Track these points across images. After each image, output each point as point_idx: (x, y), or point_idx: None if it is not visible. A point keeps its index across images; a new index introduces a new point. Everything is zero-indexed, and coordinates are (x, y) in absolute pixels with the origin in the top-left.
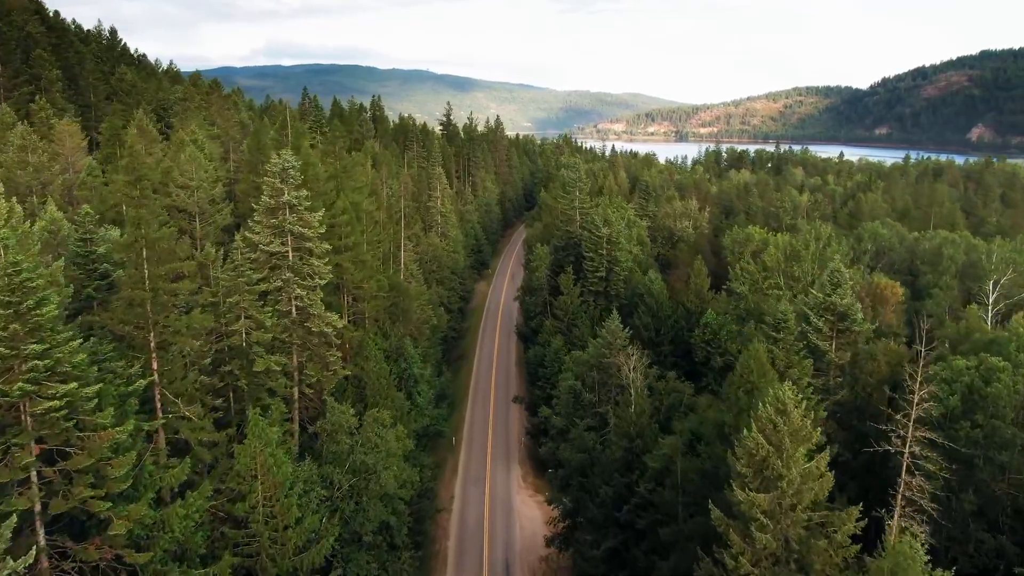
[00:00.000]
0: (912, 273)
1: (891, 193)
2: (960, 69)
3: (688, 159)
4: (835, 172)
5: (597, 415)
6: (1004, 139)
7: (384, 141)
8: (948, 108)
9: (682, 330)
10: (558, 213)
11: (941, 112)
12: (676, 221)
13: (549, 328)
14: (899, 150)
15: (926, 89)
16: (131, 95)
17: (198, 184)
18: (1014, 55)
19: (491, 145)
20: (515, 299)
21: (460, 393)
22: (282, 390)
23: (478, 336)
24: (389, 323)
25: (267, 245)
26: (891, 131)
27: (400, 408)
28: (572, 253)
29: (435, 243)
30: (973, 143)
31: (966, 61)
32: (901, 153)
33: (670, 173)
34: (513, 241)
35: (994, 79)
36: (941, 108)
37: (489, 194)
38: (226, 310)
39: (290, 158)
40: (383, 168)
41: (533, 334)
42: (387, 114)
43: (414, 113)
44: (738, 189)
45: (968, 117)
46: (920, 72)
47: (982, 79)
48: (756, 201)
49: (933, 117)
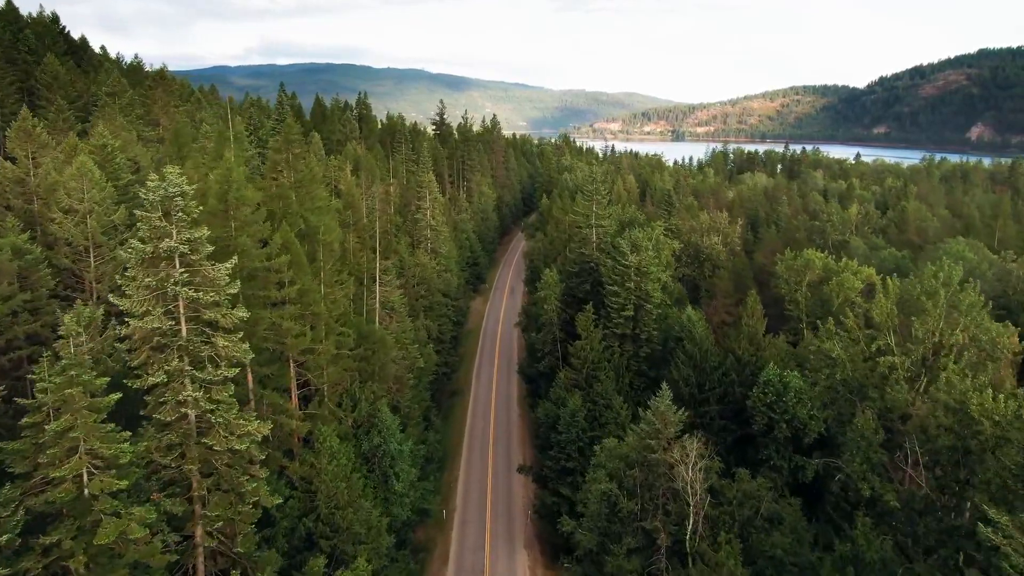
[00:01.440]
0: (1006, 308)
1: (926, 200)
2: (958, 68)
3: (692, 160)
4: (858, 175)
5: (641, 531)
6: (1004, 138)
7: (369, 143)
8: (947, 107)
9: (732, 384)
10: (565, 226)
11: (940, 111)
12: (703, 236)
13: (563, 381)
14: (899, 149)
15: (924, 88)
16: (51, 89)
17: (88, 208)
18: (1012, 54)
19: (487, 146)
20: (516, 324)
21: (453, 442)
22: (157, 559)
23: (474, 367)
24: (359, 384)
25: (142, 317)
26: (890, 130)
27: (373, 532)
28: (587, 280)
29: (424, 263)
30: (973, 142)
31: (964, 60)
32: (901, 152)
33: (683, 177)
34: (512, 249)
35: (993, 78)
36: (940, 107)
37: (486, 200)
38: (49, 442)
39: (177, 179)
40: (364, 176)
41: (541, 378)
42: (375, 113)
43: (409, 112)
44: (760, 195)
45: (967, 116)
46: (918, 71)
47: (981, 78)
48: (783, 209)
49: (932, 116)
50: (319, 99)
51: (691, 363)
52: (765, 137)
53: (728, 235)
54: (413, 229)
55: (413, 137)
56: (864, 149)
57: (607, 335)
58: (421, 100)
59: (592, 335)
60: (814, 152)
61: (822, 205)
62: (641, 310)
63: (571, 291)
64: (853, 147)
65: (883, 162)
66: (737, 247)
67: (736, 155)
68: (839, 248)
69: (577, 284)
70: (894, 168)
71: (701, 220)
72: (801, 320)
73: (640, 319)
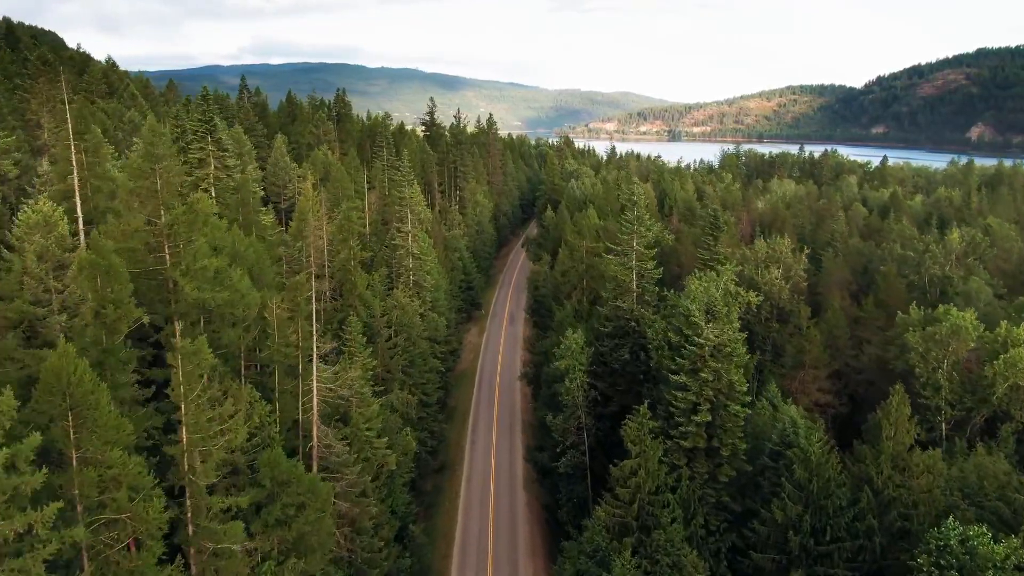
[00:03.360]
0: None
1: (993, 213)
2: (957, 67)
3: (699, 162)
4: (898, 181)
5: None
6: (1005, 138)
7: (346, 147)
8: (946, 107)
9: (871, 534)
10: (582, 254)
11: (939, 111)
12: (760, 271)
13: (603, 520)
14: (898, 150)
15: (923, 87)
16: None
17: None
18: (1012, 53)
19: (483, 149)
20: (520, 377)
21: (438, 555)
22: None
23: (467, 429)
24: (272, 567)
25: None
26: (888, 130)
27: None
28: (626, 344)
29: (402, 303)
30: (973, 142)
31: (963, 59)
32: (901, 153)
33: (703, 184)
34: (510, 264)
35: (992, 77)
36: (939, 107)
37: (481, 211)
38: None
39: None
40: (323, 193)
41: (562, 481)
42: (367, 112)
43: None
44: (800, 207)
45: (967, 116)
46: (916, 70)
47: (980, 77)
48: (838, 227)
49: (931, 116)
50: (291, 96)
51: (802, 498)
52: (762, 137)
53: (791, 268)
54: (391, 257)
55: (398, 139)
56: (864, 149)
57: (669, 449)
58: (415, 100)
59: (648, 453)
60: (832, 154)
61: (930, 239)
62: (720, 411)
63: (603, 358)
64: (852, 147)
65: (909, 165)
66: (802, 282)
67: (749, 156)
68: (944, 286)
69: (611, 349)
70: (923, 171)
71: (758, 248)
72: (941, 414)
73: (719, 424)
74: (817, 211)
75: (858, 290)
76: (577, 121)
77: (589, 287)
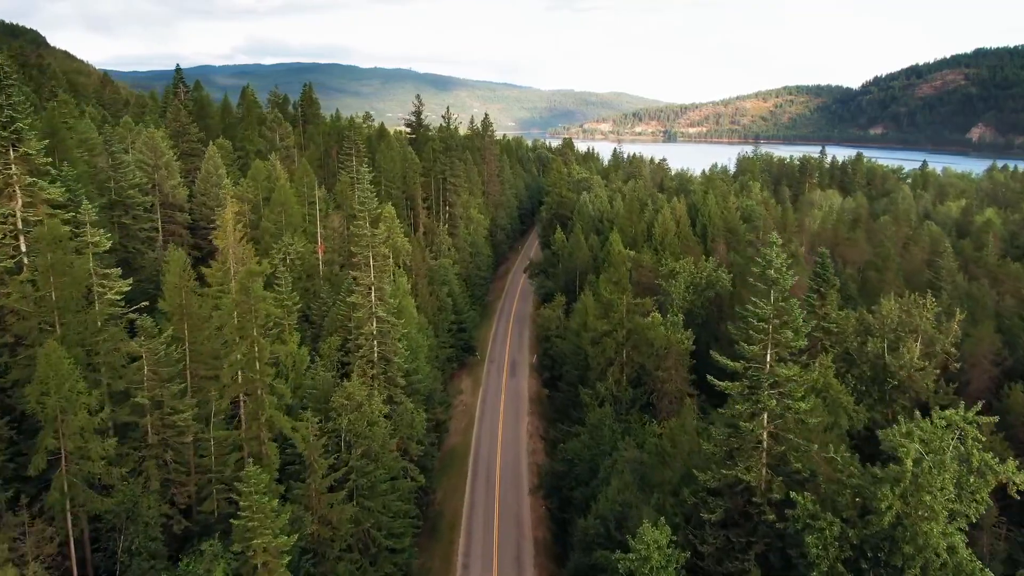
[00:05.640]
0: None
1: None
2: (955, 67)
3: (714, 166)
4: (958, 192)
5: None
6: (1007, 139)
7: (309, 154)
8: (945, 107)
9: None
10: (623, 314)
11: (938, 111)
12: (887, 346)
13: None
14: (898, 150)
15: (921, 88)
16: None
17: None
18: (1011, 53)
19: (477, 154)
20: (532, 491)
21: None
22: None
23: (457, 547)
24: None
25: None
26: (887, 131)
27: None
28: (755, 544)
29: (360, 397)
30: (974, 143)
31: (961, 59)
32: (901, 154)
33: (733, 195)
34: (509, 289)
35: (992, 77)
36: (938, 107)
37: (476, 229)
38: None
39: None
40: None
41: None
42: (357, 113)
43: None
44: (862, 229)
45: (967, 116)
46: (914, 70)
47: (979, 77)
48: (948, 264)
49: (930, 116)
50: (247, 92)
51: None
52: (759, 137)
53: (939, 342)
54: (347, 320)
55: (374, 145)
56: (863, 150)
57: None
58: (409, 100)
59: None
60: (858, 159)
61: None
62: None
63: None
64: (850, 148)
65: (951, 171)
66: (952, 363)
67: (765, 160)
68: None
69: (723, 549)
70: (964, 178)
71: (885, 310)
72: None
73: None
74: (891, 236)
75: (1013, 366)
76: (571, 122)
77: (630, 359)
